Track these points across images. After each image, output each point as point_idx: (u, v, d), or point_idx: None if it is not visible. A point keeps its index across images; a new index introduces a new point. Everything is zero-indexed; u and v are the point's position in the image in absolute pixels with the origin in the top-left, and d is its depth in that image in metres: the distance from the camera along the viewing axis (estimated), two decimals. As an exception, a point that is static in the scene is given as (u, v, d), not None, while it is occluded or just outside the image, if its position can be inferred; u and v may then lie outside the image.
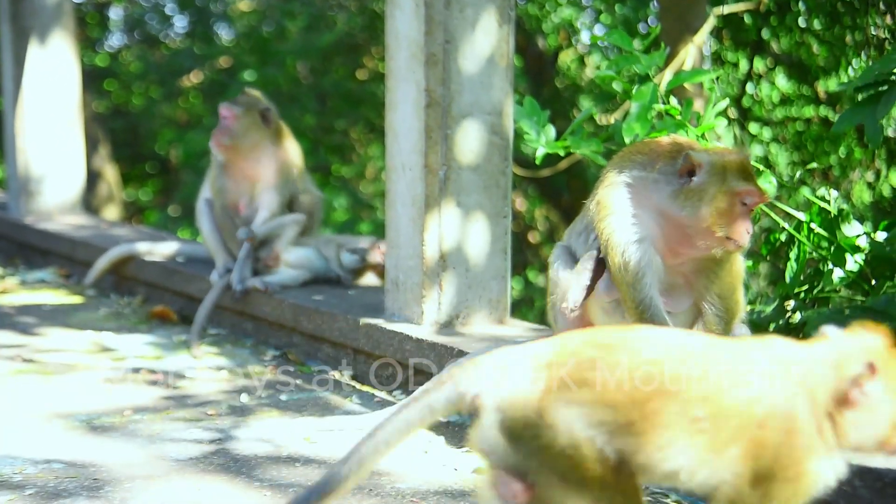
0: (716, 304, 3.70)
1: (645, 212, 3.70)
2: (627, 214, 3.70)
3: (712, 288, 3.71)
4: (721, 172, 3.59)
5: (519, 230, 15.33)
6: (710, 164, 3.59)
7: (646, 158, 3.73)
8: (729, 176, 3.58)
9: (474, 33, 4.81)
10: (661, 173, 3.67)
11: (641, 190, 3.70)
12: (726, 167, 3.60)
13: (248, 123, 6.04)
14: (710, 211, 3.57)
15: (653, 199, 3.68)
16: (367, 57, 15.96)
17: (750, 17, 9.91)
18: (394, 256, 5.05)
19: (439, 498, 3.60)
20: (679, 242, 3.68)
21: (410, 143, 4.88)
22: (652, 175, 3.67)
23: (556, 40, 15.17)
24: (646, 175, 3.69)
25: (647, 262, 3.66)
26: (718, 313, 3.70)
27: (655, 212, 3.69)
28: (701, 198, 3.58)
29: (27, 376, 5.13)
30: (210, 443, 4.16)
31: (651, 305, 3.64)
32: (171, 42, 17.78)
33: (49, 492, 3.59)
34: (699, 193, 3.59)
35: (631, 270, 3.65)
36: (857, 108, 4.30)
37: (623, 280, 3.68)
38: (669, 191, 3.64)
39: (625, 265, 3.66)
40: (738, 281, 3.80)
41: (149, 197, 18.53)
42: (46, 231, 8.10)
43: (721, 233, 3.59)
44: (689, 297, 3.76)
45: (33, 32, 8.42)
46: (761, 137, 11.24)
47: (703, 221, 3.59)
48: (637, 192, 3.71)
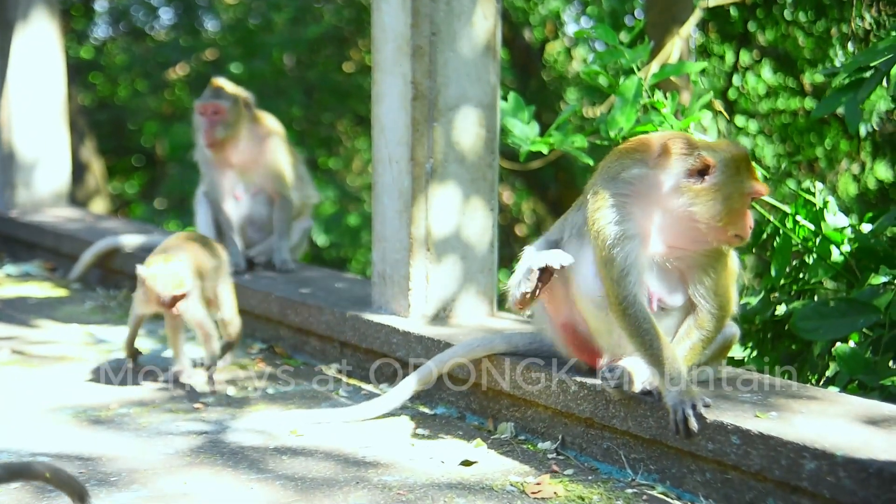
0: (710, 300, 3.71)
1: (639, 209, 3.69)
2: (618, 211, 3.69)
3: (707, 284, 3.72)
4: (735, 173, 3.61)
5: (506, 223, 15.34)
6: (724, 163, 3.60)
7: (643, 155, 3.72)
8: (742, 175, 3.61)
9: (461, 25, 4.81)
10: (662, 170, 3.66)
11: (638, 186, 3.69)
12: (739, 167, 3.62)
13: (236, 115, 6.09)
14: (726, 210, 3.59)
15: (651, 196, 3.67)
16: (353, 49, 15.94)
17: (736, 10, 9.93)
18: (381, 249, 5.05)
19: (426, 490, 3.61)
20: (677, 239, 3.69)
21: (397, 135, 4.88)
22: (651, 171, 3.66)
23: (543, 33, 15.17)
24: (644, 172, 3.68)
25: (632, 260, 3.66)
26: (712, 310, 3.71)
27: (653, 208, 3.68)
28: (715, 197, 3.59)
29: (14, 369, 5.11)
30: (198, 435, 4.16)
31: (634, 303, 3.63)
32: (157, 34, 17.70)
33: (36, 486, 3.58)
34: (713, 193, 3.59)
35: (616, 267, 3.66)
36: (838, 93, 4.33)
37: (607, 276, 3.69)
38: (672, 188, 3.63)
39: (610, 261, 3.67)
40: (733, 279, 3.82)
41: (135, 190, 18.47)
42: (31, 224, 8.07)
43: (731, 230, 3.61)
44: (684, 294, 3.77)
45: (18, 24, 8.38)
46: (747, 130, 11.26)
47: (717, 220, 3.60)
48: (633, 189, 3.70)
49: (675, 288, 3.76)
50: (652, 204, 3.67)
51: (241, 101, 6.12)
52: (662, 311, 3.75)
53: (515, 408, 4.25)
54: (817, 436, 3.18)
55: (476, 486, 3.66)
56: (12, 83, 8.43)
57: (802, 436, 3.19)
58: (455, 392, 4.50)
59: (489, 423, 4.34)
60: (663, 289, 3.74)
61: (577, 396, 3.92)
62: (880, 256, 4.57)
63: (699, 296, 3.72)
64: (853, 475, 3.00)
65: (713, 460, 3.43)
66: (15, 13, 8.37)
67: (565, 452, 4.00)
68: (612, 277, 3.67)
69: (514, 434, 4.21)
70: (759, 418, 3.37)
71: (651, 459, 3.67)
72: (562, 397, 3.98)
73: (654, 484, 3.65)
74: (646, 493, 3.60)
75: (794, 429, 3.26)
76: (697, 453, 3.46)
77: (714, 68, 10.80)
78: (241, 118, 6.13)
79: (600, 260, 3.72)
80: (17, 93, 8.45)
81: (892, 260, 4.55)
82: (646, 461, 3.70)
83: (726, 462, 3.37)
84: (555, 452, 4.01)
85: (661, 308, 3.75)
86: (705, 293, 3.72)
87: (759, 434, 3.26)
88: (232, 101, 6.08)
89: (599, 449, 3.88)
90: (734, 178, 3.60)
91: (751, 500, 3.34)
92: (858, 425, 3.30)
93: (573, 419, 3.99)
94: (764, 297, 4.87)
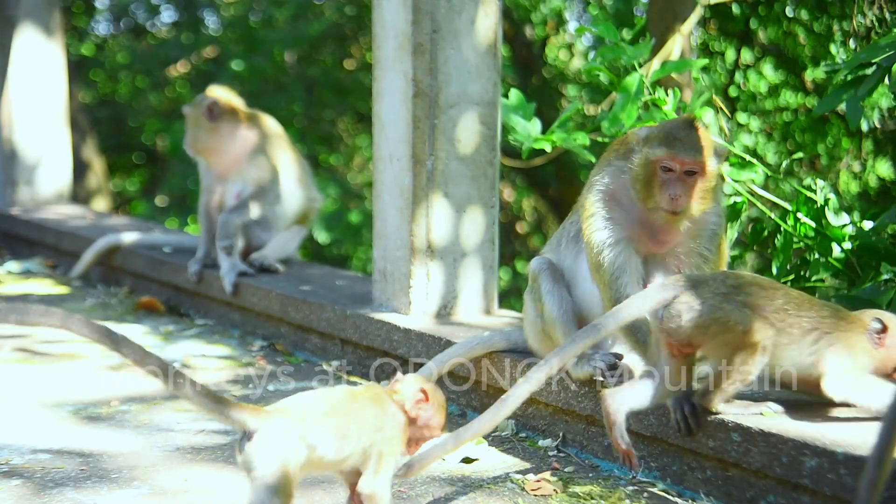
0: None
1: (620, 212, 3.76)
2: (603, 217, 3.77)
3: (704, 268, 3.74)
4: (642, 145, 3.64)
5: (507, 220, 15.33)
6: (642, 140, 3.65)
7: (623, 151, 3.78)
8: (648, 146, 3.62)
9: (462, 23, 4.80)
10: (621, 170, 3.73)
11: (619, 184, 3.75)
12: (649, 138, 3.64)
13: (194, 121, 6.09)
14: (641, 184, 3.63)
15: (624, 197, 3.73)
16: (354, 46, 15.92)
17: (737, 7, 9.91)
18: (381, 247, 5.05)
19: (427, 487, 3.61)
20: (656, 230, 3.72)
21: (398, 133, 4.88)
22: (625, 166, 3.72)
23: (544, 30, 15.16)
24: (622, 167, 3.75)
25: (621, 263, 3.72)
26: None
27: (631, 204, 3.72)
28: (636, 175, 3.65)
29: (15, 366, 5.11)
30: (198, 432, 4.16)
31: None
32: (158, 31, 17.69)
33: (36, 482, 3.58)
34: (635, 172, 3.66)
35: (606, 271, 3.72)
36: (839, 91, 4.33)
37: (600, 280, 3.76)
38: (627, 179, 3.69)
39: (600, 266, 3.74)
40: (724, 261, 3.84)
41: (136, 187, 18.46)
42: (33, 221, 8.07)
43: (651, 204, 3.62)
44: None
45: (19, 21, 8.38)
46: (749, 127, 11.25)
47: (639, 197, 3.64)
48: (610, 193, 3.78)
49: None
50: (628, 204, 3.72)
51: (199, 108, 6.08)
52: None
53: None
54: (818, 433, 3.18)
55: (477, 483, 3.66)
56: (13, 80, 8.43)
57: (803, 433, 3.18)
58: (456, 390, 4.50)
59: (490, 420, 4.33)
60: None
61: (577, 394, 3.92)
62: (881, 254, 4.57)
63: None
64: (854, 472, 2.99)
65: (714, 457, 3.43)
66: (16, 10, 8.37)
67: (566, 450, 4.00)
68: (604, 281, 3.74)
69: (514, 431, 4.21)
70: (760, 416, 3.37)
71: (652, 457, 3.67)
72: (562, 395, 3.98)
73: (655, 481, 3.65)
74: (646, 490, 3.60)
75: (795, 426, 3.26)
76: (698, 451, 3.46)
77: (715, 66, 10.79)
78: (203, 125, 6.09)
79: (592, 266, 3.80)
80: (18, 90, 8.45)
81: (894, 258, 4.54)
82: (646, 458, 3.70)
83: (727, 459, 3.37)
84: (555, 450, 4.01)
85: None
86: None
87: (759, 431, 3.25)
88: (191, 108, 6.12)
89: (600, 446, 3.88)
90: (646, 150, 3.62)
91: (751, 498, 3.33)
92: (859, 422, 3.30)
93: (574, 416, 3.99)
94: (765, 295, 4.86)
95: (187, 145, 6.16)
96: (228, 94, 6.24)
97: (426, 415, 3.06)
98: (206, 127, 6.08)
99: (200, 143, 6.12)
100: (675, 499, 3.52)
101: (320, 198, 6.61)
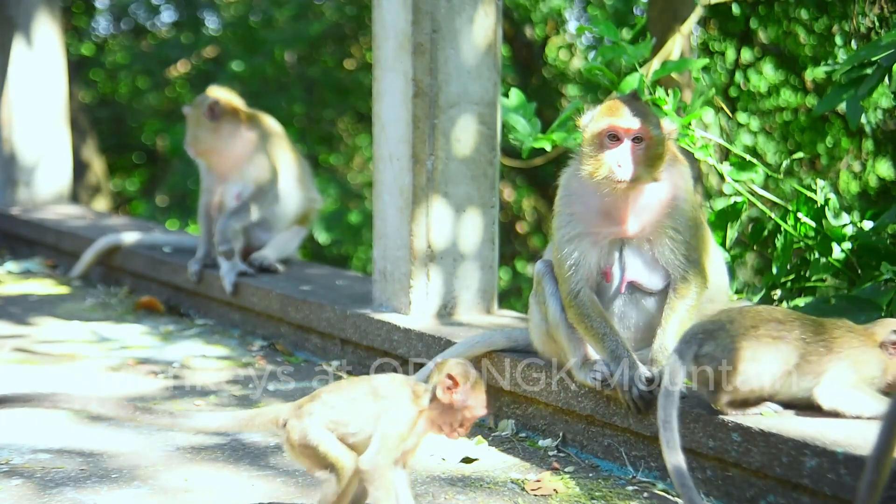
0: (684, 267, 3.78)
1: (583, 202, 3.83)
2: (566, 211, 3.86)
3: (679, 252, 3.79)
4: (589, 122, 3.72)
5: (507, 220, 15.32)
6: (587, 122, 3.74)
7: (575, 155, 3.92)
8: (594, 122, 3.70)
9: (462, 23, 4.80)
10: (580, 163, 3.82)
11: (577, 179, 3.87)
12: (594, 116, 3.72)
13: (194, 121, 6.08)
14: (587, 163, 3.70)
15: (585, 185, 3.79)
16: (354, 46, 15.92)
17: (738, 7, 9.91)
18: (381, 247, 5.05)
19: (427, 486, 3.61)
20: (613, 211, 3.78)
21: (398, 133, 4.88)
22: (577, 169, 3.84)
23: (544, 30, 15.16)
24: (573, 172, 3.92)
25: (577, 258, 3.81)
26: (686, 276, 3.78)
27: (590, 194, 3.79)
28: (585, 152, 3.73)
29: (15, 366, 5.11)
30: (197, 433, 4.16)
31: (577, 296, 3.79)
32: (158, 31, 17.69)
33: (36, 482, 3.58)
34: (583, 153, 3.74)
35: (564, 267, 3.83)
36: (839, 90, 4.34)
37: (560, 275, 3.87)
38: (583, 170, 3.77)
39: (560, 262, 3.85)
40: (705, 242, 3.86)
41: (136, 187, 18.46)
42: (33, 221, 8.07)
43: (599, 175, 3.67)
44: (664, 277, 3.80)
45: (19, 21, 8.38)
46: (749, 127, 11.24)
47: (589, 179, 3.69)
48: (575, 184, 3.86)
49: (654, 268, 3.80)
50: (586, 196, 3.80)
51: (200, 109, 6.07)
52: (641, 293, 3.83)
53: (516, 405, 4.25)
54: (818, 433, 3.18)
55: (477, 483, 3.66)
56: (13, 80, 8.43)
57: (803, 433, 3.19)
58: (456, 389, 4.50)
59: (490, 420, 4.34)
60: (639, 271, 3.80)
61: (577, 394, 3.92)
62: (882, 254, 4.57)
63: (672, 266, 3.80)
64: (854, 472, 2.99)
65: (714, 457, 3.43)
66: (16, 10, 8.37)
67: (566, 449, 4.01)
68: (562, 276, 3.85)
69: (514, 431, 4.21)
70: (760, 416, 3.37)
71: (652, 457, 3.67)
72: (562, 395, 3.98)
73: (655, 481, 3.65)
74: (647, 490, 3.60)
75: (795, 426, 3.26)
76: (698, 450, 3.46)
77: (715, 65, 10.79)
78: (205, 126, 6.08)
79: (555, 262, 3.91)
80: (18, 90, 8.45)
81: (894, 257, 4.54)
82: (647, 458, 3.70)
83: (727, 459, 3.37)
84: (556, 449, 4.01)
85: (637, 290, 3.83)
86: (677, 262, 3.77)
87: (759, 431, 3.26)
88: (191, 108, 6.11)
89: (600, 446, 3.88)
90: (592, 126, 3.70)
91: (751, 498, 3.34)
92: (859, 422, 3.30)
93: (574, 416, 3.99)
94: (765, 295, 4.87)
95: (188, 145, 6.16)
96: (229, 95, 6.23)
97: (460, 398, 3.14)
98: (206, 127, 6.08)
99: (201, 143, 6.12)
100: (675, 499, 3.52)
101: (320, 198, 6.61)
